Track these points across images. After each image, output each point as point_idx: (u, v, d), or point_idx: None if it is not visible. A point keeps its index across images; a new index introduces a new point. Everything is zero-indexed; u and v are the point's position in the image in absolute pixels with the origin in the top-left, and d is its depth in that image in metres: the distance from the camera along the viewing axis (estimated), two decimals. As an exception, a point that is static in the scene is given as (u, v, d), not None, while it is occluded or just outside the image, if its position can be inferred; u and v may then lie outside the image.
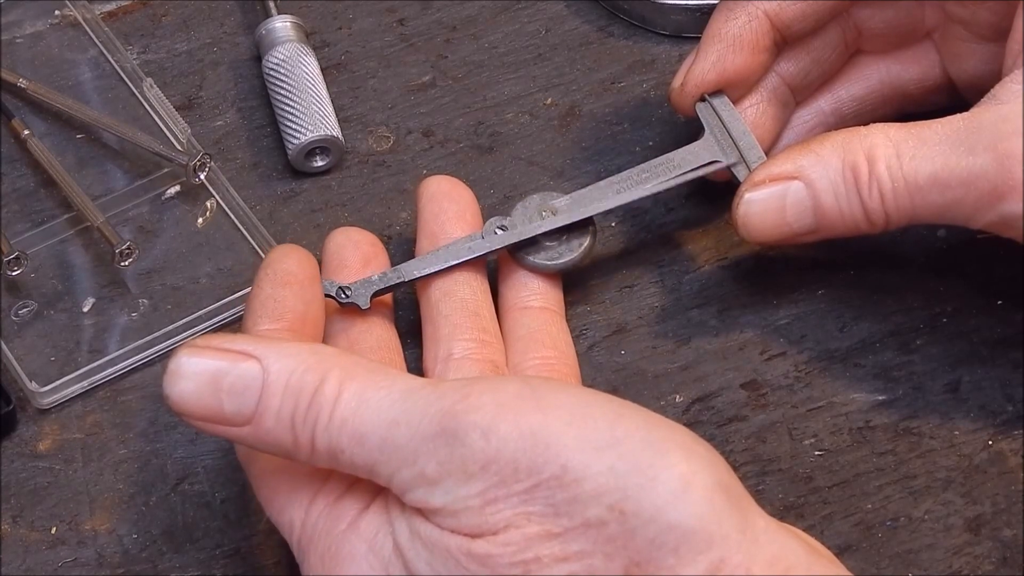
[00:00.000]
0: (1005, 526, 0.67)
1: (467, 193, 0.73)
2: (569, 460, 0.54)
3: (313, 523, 0.59)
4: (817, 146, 0.68)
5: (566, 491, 0.54)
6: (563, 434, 0.55)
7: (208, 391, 0.58)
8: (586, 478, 0.54)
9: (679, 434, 0.56)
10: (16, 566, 0.68)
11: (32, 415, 0.72)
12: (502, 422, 0.55)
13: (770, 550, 0.55)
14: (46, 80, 0.82)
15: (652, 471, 0.54)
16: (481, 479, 0.55)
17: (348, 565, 0.58)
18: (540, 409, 0.55)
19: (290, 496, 0.60)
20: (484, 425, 0.55)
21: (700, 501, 0.54)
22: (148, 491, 0.70)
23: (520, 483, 0.55)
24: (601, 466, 0.54)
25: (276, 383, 0.58)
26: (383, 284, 0.70)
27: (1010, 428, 0.70)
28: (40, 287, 0.75)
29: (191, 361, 0.58)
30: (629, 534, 0.54)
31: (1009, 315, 0.73)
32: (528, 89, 0.82)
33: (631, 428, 0.55)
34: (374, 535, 0.58)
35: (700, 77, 0.72)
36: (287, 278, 0.66)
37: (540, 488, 0.54)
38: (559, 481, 0.54)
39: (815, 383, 0.72)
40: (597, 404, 0.56)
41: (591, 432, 0.55)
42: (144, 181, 0.78)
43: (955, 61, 0.74)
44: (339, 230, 0.72)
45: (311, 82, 0.80)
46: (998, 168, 0.64)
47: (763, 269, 0.75)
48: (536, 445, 0.54)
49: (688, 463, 0.55)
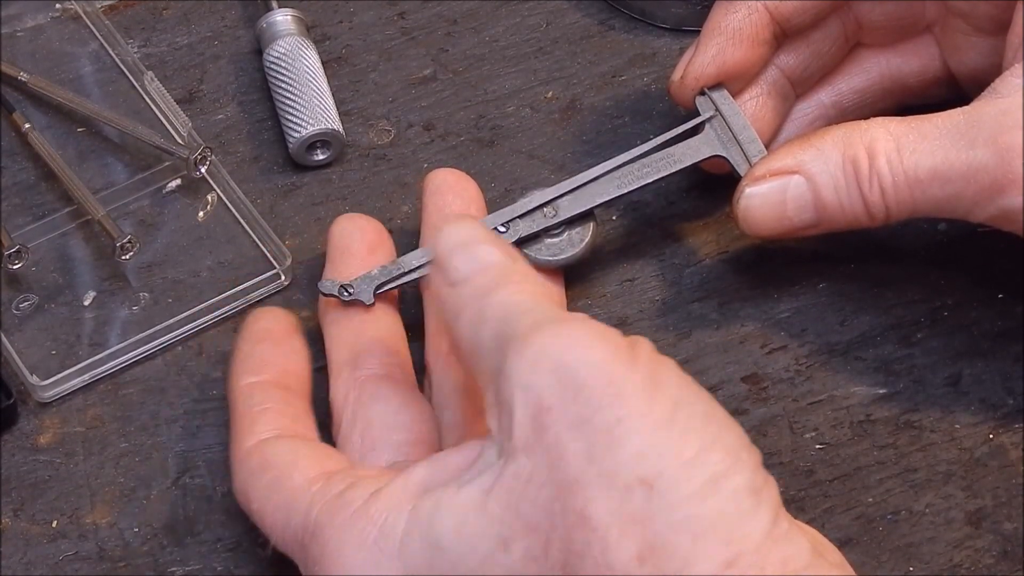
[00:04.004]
0: (1006, 519, 0.67)
1: (472, 186, 0.73)
2: (626, 416, 0.54)
3: (315, 518, 0.59)
4: (817, 140, 0.68)
5: (608, 445, 0.54)
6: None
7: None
8: (629, 441, 0.54)
9: (730, 434, 0.56)
10: (17, 559, 0.68)
11: (33, 408, 0.72)
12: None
13: (786, 550, 0.55)
14: (47, 73, 0.82)
15: (692, 461, 0.54)
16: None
17: (355, 551, 0.58)
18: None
19: (290, 501, 0.60)
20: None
21: (728, 500, 0.54)
22: (149, 485, 0.70)
23: (569, 414, 0.54)
24: (649, 437, 0.54)
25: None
26: (384, 277, 0.70)
27: (1011, 421, 0.70)
28: (41, 280, 0.75)
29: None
30: (651, 512, 0.53)
31: (1010, 308, 0.73)
32: (529, 83, 0.82)
33: (691, 415, 0.55)
34: (384, 517, 0.57)
35: (700, 70, 0.72)
36: (262, 335, 0.67)
37: (585, 429, 0.54)
38: (608, 436, 0.54)
39: (816, 376, 0.72)
40: (672, 382, 0.56)
41: (656, 404, 0.55)
42: (145, 175, 0.78)
43: (955, 54, 0.74)
44: (344, 217, 0.72)
45: (312, 76, 0.80)
46: (998, 162, 0.64)
47: (764, 263, 0.75)
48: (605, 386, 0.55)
49: (725, 463, 0.54)
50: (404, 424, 0.65)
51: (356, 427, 0.65)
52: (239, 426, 0.64)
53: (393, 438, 0.64)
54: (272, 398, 0.65)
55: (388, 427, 0.65)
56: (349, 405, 0.66)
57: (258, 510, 0.62)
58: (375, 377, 0.66)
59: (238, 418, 0.65)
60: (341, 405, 0.66)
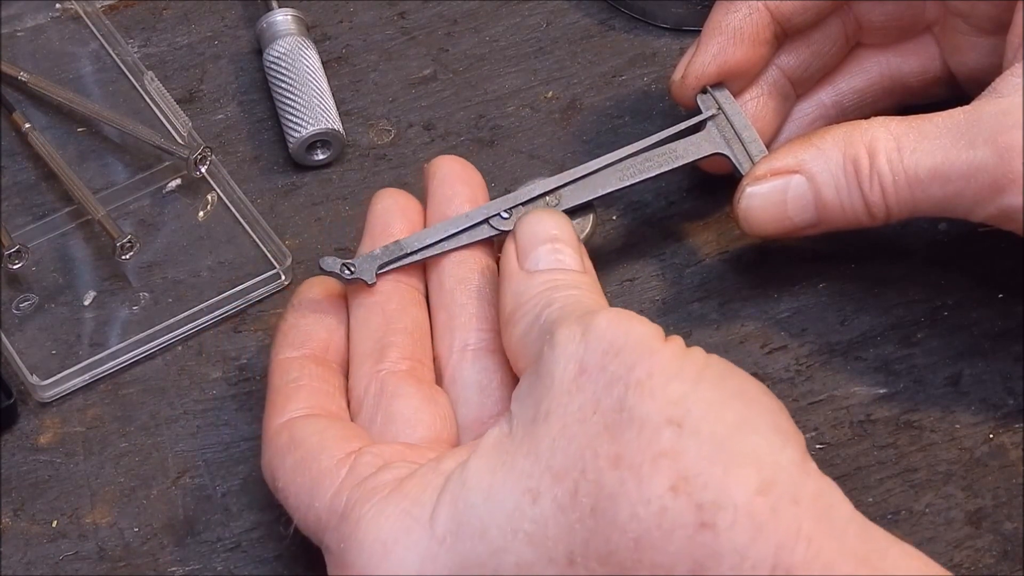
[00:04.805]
0: (1006, 519, 0.67)
1: (477, 176, 0.72)
2: (658, 372, 0.57)
3: (345, 500, 0.60)
4: (818, 140, 0.68)
5: (640, 395, 0.56)
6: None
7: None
8: (661, 391, 0.56)
9: (756, 387, 0.59)
10: (17, 559, 0.68)
11: (33, 408, 0.72)
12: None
13: (820, 485, 0.56)
14: (47, 73, 0.82)
15: (720, 405, 0.57)
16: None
17: (387, 520, 0.58)
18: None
19: (317, 482, 0.61)
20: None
21: (756, 436, 0.56)
22: (149, 484, 0.70)
23: (606, 372, 0.57)
24: (678, 387, 0.57)
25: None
26: (387, 257, 0.69)
27: (1011, 421, 0.70)
28: (41, 280, 0.75)
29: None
30: (682, 447, 0.55)
31: (1010, 308, 0.73)
32: (529, 82, 0.82)
33: (720, 374, 0.58)
34: (417, 492, 0.59)
35: (701, 70, 0.72)
36: (310, 307, 0.68)
37: (619, 383, 0.57)
38: (640, 387, 0.57)
39: (816, 376, 0.72)
40: (700, 353, 0.59)
41: (687, 365, 0.58)
42: (145, 175, 0.78)
43: (955, 54, 0.74)
44: (387, 192, 0.71)
45: (312, 75, 0.80)
46: (998, 161, 0.64)
47: (764, 262, 0.75)
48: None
49: (752, 409, 0.57)
50: (424, 421, 0.65)
51: (376, 422, 0.65)
52: (272, 402, 0.65)
53: (413, 435, 0.64)
54: (308, 374, 0.66)
55: (408, 423, 0.65)
56: (369, 398, 0.66)
57: (283, 488, 0.62)
58: (398, 373, 0.66)
59: (273, 393, 0.65)
60: (360, 397, 0.66)
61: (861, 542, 0.55)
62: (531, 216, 0.67)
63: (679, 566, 0.55)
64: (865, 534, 0.56)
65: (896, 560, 0.55)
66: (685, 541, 0.54)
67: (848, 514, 0.56)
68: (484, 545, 0.57)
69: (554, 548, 0.56)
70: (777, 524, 0.54)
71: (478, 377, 0.66)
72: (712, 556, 0.54)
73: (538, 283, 0.64)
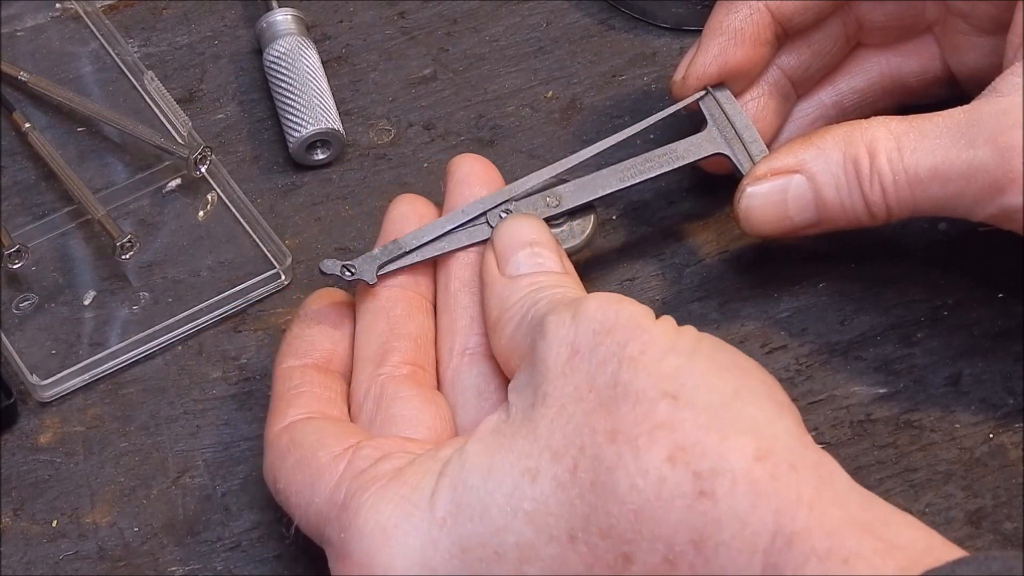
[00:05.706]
0: (1006, 519, 0.67)
1: (498, 176, 0.71)
2: (651, 347, 0.58)
3: (345, 491, 0.60)
4: (818, 139, 0.68)
5: (634, 370, 0.57)
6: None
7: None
8: (654, 366, 0.57)
9: (749, 362, 0.60)
10: (17, 559, 0.68)
11: (33, 408, 0.72)
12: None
13: (818, 455, 0.56)
14: (47, 73, 0.82)
15: (714, 376, 0.57)
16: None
17: (386, 506, 0.58)
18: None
19: (316, 478, 0.61)
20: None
21: (751, 406, 0.57)
22: (149, 484, 0.70)
23: (599, 351, 0.58)
24: (673, 362, 0.57)
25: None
26: (386, 256, 0.69)
27: (1011, 421, 0.70)
28: (41, 280, 0.75)
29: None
30: (678, 418, 0.56)
31: (1010, 308, 0.73)
32: (529, 82, 0.82)
33: (712, 347, 0.59)
34: (416, 479, 0.59)
35: (701, 70, 0.72)
36: (316, 318, 0.68)
37: (612, 361, 0.57)
38: (633, 363, 0.57)
39: (816, 376, 0.72)
40: (692, 330, 0.60)
41: (680, 340, 0.58)
42: (145, 174, 0.78)
43: (955, 54, 0.74)
44: (404, 198, 0.71)
45: (312, 75, 0.80)
46: (998, 161, 0.64)
47: (764, 262, 0.75)
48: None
49: (745, 380, 0.58)
50: (424, 422, 0.65)
51: (375, 424, 0.65)
52: (274, 408, 0.65)
53: (412, 436, 0.64)
54: (310, 381, 0.66)
55: (408, 424, 0.65)
56: (369, 401, 0.66)
57: (283, 489, 0.62)
58: (397, 377, 0.66)
59: (275, 399, 0.66)
60: (360, 400, 0.66)
61: (863, 509, 0.55)
62: (508, 222, 0.67)
63: (680, 536, 0.55)
64: (867, 502, 0.56)
65: (899, 528, 0.55)
66: (685, 510, 0.55)
67: (848, 483, 0.56)
68: (484, 526, 0.57)
69: (555, 525, 0.56)
70: (777, 490, 0.54)
71: (476, 381, 0.66)
72: (712, 524, 0.54)
73: (521, 287, 0.64)
